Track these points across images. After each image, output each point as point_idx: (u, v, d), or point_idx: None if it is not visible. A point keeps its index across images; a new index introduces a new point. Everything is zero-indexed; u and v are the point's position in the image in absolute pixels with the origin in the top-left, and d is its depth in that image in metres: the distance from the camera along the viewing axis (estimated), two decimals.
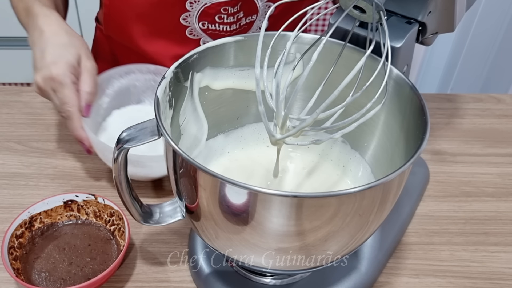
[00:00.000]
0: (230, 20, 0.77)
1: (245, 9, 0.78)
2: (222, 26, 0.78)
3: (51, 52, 0.65)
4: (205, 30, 0.78)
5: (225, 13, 0.76)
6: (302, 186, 0.58)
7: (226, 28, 0.78)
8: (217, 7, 0.75)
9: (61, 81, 0.63)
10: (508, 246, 0.65)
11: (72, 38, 0.68)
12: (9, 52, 1.82)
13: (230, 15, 0.76)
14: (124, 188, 0.50)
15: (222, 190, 0.41)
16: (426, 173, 0.73)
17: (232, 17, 0.77)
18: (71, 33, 0.69)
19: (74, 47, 0.66)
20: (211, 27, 0.78)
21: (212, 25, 0.77)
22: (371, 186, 0.39)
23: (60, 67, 0.64)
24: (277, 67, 0.49)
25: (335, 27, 0.47)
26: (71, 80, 0.64)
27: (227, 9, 0.75)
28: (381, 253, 0.61)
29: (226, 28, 0.78)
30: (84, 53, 0.67)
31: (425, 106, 0.47)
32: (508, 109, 0.88)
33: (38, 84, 0.65)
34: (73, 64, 0.65)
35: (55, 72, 0.63)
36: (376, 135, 0.55)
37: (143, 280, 0.60)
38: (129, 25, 0.80)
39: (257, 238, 0.44)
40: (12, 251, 0.58)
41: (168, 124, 0.51)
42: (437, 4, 0.54)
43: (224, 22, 0.77)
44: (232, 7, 0.75)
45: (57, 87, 0.64)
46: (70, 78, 0.64)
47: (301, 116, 0.47)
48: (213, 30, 0.78)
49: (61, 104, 0.64)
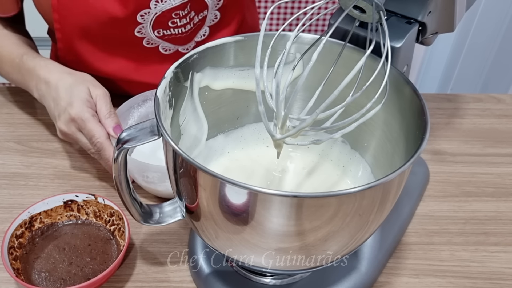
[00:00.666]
0: (183, 22, 0.77)
1: (195, 8, 0.78)
2: (177, 29, 0.78)
3: (63, 96, 0.67)
4: (162, 37, 0.78)
5: (177, 17, 0.76)
6: (302, 186, 0.58)
7: (181, 30, 0.78)
8: (168, 14, 0.75)
9: (81, 118, 0.65)
10: (508, 246, 0.65)
11: (75, 77, 0.70)
12: None
13: (183, 18, 0.77)
14: (124, 188, 0.50)
15: (222, 190, 0.41)
16: (426, 173, 0.73)
17: (184, 19, 0.77)
18: (72, 71, 0.71)
19: (81, 83, 0.68)
20: (167, 33, 0.78)
21: (167, 31, 0.78)
22: (371, 186, 0.39)
23: (77, 106, 0.65)
24: (277, 67, 0.49)
25: (335, 27, 0.47)
26: (91, 113, 0.66)
27: (178, 13, 0.76)
28: (381, 253, 0.61)
29: (181, 30, 0.78)
30: (91, 84, 0.69)
31: (425, 106, 0.47)
32: (508, 109, 0.88)
33: (62, 131, 0.68)
34: (86, 98, 0.67)
35: (74, 112, 0.65)
36: (376, 135, 0.55)
37: (143, 280, 0.60)
38: (83, 51, 0.79)
39: (257, 238, 0.44)
40: (12, 251, 0.58)
41: (168, 124, 0.51)
42: (437, 4, 0.54)
43: (178, 25, 0.77)
44: (182, 10, 0.76)
45: (80, 125, 0.66)
46: (89, 113, 0.65)
47: (301, 116, 0.47)
48: (169, 35, 0.78)
49: (90, 139, 0.65)
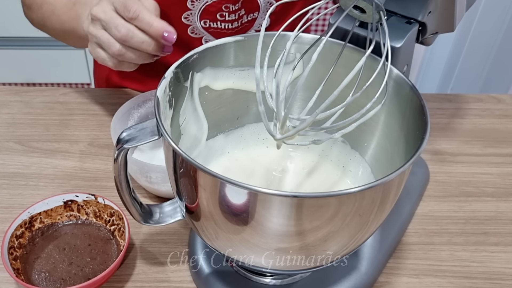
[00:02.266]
0: (231, 17, 0.77)
1: (246, 6, 0.78)
2: (223, 24, 0.78)
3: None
4: (207, 29, 0.78)
5: (227, 11, 0.76)
6: (302, 186, 0.58)
7: (228, 26, 0.78)
8: (218, 5, 0.75)
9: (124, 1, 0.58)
10: (508, 246, 0.65)
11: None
12: (9, 52, 1.83)
13: (232, 13, 0.76)
14: (124, 188, 0.50)
15: (222, 190, 0.41)
16: (426, 173, 0.73)
17: (233, 15, 0.77)
18: None
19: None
20: (213, 25, 0.78)
21: (214, 23, 0.77)
22: (371, 186, 0.39)
23: None
24: (277, 67, 0.49)
25: (335, 27, 0.47)
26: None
27: (229, 7, 0.75)
28: (381, 253, 0.61)
29: (228, 26, 0.78)
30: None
31: (425, 106, 0.47)
32: (508, 109, 0.88)
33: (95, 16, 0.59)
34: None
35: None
36: (376, 135, 0.55)
37: (143, 280, 0.60)
38: None
39: (257, 238, 0.44)
40: (12, 251, 0.58)
41: (168, 124, 0.51)
42: (437, 4, 0.54)
43: (226, 20, 0.77)
44: (233, 4, 0.76)
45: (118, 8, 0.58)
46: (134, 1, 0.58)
47: (301, 116, 0.47)
48: (215, 28, 0.78)
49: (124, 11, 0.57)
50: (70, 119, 0.83)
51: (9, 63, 1.85)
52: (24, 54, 1.83)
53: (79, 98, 0.87)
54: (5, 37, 1.78)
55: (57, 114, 0.83)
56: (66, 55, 1.83)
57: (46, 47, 1.81)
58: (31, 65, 1.86)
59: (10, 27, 1.73)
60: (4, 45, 1.81)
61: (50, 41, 1.82)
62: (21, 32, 1.75)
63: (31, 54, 1.83)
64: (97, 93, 0.89)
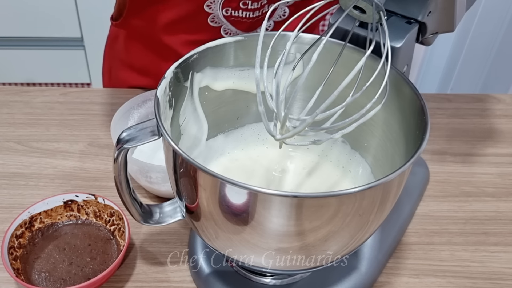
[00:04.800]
0: (254, 6, 0.76)
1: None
2: (245, 12, 0.77)
3: None
4: (228, 17, 0.78)
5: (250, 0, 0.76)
6: (302, 186, 0.58)
7: (249, 15, 0.78)
8: None
9: None
10: (508, 246, 0.65)
11: None
12: (9, 52, 1.83)
13: (255, 1, 0.76)
14: (124, 188, 0.50)
15: (222, 190, 0.41)
16: (426, 173, 0.73)
17: (256, 3, 0.76)
18: None
19: None
20: (234, 14, 0.77)
21: (236, 12, 0.77)
22: (371, 186, 0.39)
23: None
24: (277, 67, 0.49)
25: (335, 27, 0.47)
26: None
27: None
28: (381, 253, 0.61)
29: (249, 14, 0.77)
30: None
31: (425, 106, 0.47)
32: (508, 109, 0.88)
33: None
34: None
35: None
36: (376, 135, 0.55)
37: (143, 280, 0.60)
38: (154, 10, 0.79)
39: (257, 238, 0.44)
40: (12, 251, 0.58)
41: (168, 124, 0.51)
42: (437, 4, 0.54)
43: (248, 8, 0.77)
44: None
45: None
46: None
47: (301, 117, 0.47)
48: (236, 17, 0.78)
49: None
50: (70, 119, 0.83)
51: (9, 63, 1.85)
52: (24, 54, 1.83)
53: (79, 98, 0.87)
54: (5, 37, 1.78)
55: (57, 114, 0.83)
56: (66, 55, 1.83)
57: (46, 47, 1.81)
58: (31, 65, 1.86)
59: (10, 27, 1.73)
60: (4, 45, 1.81)
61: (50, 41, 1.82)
62: (21, 32, 1.75)
63: (31, 54, 1.83)
64: (97, 93, 0.89)
